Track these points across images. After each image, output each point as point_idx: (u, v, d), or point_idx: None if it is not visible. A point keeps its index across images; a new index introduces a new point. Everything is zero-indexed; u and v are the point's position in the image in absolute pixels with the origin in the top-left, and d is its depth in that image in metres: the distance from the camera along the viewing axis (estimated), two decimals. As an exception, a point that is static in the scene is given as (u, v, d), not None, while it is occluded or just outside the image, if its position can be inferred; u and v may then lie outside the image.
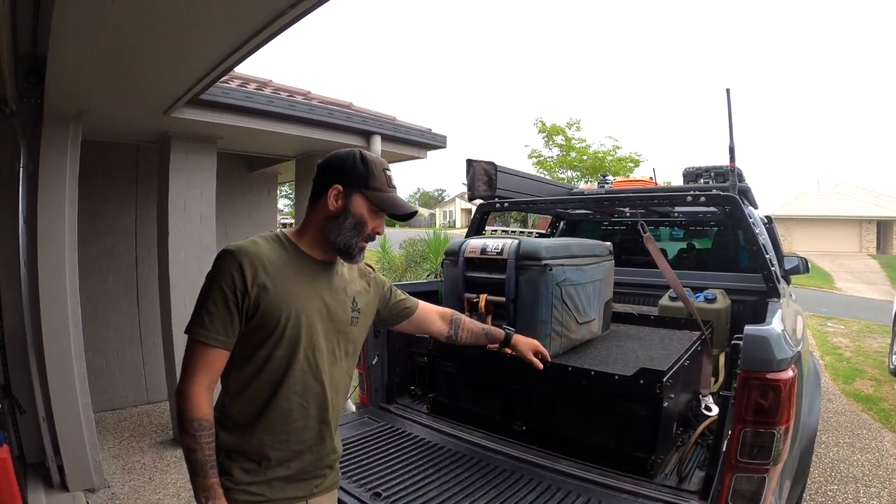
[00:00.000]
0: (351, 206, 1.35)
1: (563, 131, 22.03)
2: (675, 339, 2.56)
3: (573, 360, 2.14)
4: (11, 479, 2.27)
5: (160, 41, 2.24)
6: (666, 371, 1.80)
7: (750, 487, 1.58)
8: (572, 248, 2.30)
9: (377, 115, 4.74)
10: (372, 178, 1.36)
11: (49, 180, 3.12)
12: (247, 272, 1.26)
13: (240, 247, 1.29)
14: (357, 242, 1.38)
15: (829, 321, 10.18)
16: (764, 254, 2.38)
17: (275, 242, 1.36)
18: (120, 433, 4.25)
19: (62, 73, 2.47)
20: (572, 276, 2.21)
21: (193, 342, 1.25)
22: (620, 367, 2.02)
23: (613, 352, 2.32)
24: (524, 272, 2.13)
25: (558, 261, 2.14)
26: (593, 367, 2.02)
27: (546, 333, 2.11)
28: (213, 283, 1.26)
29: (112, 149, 4.56)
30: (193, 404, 1.21)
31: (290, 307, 1.31)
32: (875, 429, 4.57)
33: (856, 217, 27.54)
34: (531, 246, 2.13)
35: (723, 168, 3.41)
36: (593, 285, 2.40)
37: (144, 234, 4.89)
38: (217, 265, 1.27)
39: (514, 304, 2.16)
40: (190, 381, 1.23)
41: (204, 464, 1.20)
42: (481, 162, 2.92)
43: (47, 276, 3.12)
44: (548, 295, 2.10)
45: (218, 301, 1.24)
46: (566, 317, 2.19)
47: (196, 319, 1.25)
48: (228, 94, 3.51)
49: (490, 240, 2.27)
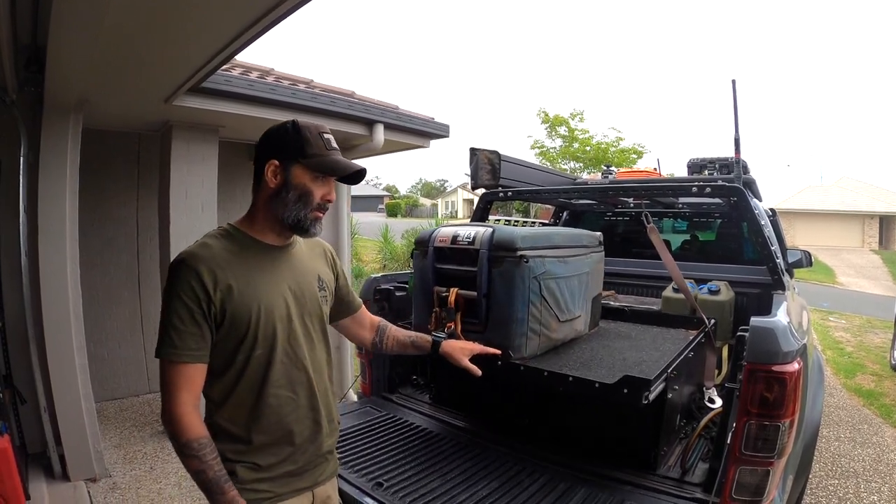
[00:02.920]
0: (291, 179, 1.29)
1: (567, 122, 21.95)
2: (669, 338, 2.35)
3: (552, 363, 1.92)
4: (13, 469, 2.27)
5: (161, 29, 2.21)
6: (653, 380, 1.60)
7: (754, 480, 1.58)
8: (554, 237, 2.07)
9: (380, 104, 4.71)
10: (307, 145, 1.29)
11: (50, 170, 3.10)
12: (205, 278, 1.20)
13: (192, 253, 1.23)
14: (307, 214, 1.31)
15: (831, 316, 10.16)
16: (769, 245, 2.37)
17: (225, 238, 1.30)
18: (121, 423, 4.26)
19: (62, 62, 2.45)
20: (553, 269, 1.98)
21: (167, 364, 1.19)
22: (605, 372, 1.79)
23: (599, 353, 2.08)
24: (498, 264, 1.89)
25: (537, 252, 1.91)
26: (573, 372, 1.79)
27: (522, 332, 1.89)
28: (173, 297, 1.19)
29: (113, 138, 4.53)
30: (186, 426, 1.17)
31: (258, 303, 1.26)
32: (876, 424, 4.56)
33: (858, 212, 27.45)
34: (506, 235, 1.90)
35: (728, 160, 3.39)
36: (578, 279, 2.17)
37: (146, 224, 4.87)
38: (173, 278, 1.21)
39: (486, 299, 1.92)
40: (175, 404, 1.18)
41: (217, 480, 1.18)
42: (485, 151, 2.90)
43: (48, 266, 3.11)
44: (524, 290, 1.87)
45: (183, 315, 1.19)
46: (545, 314, 1.96)
47: (164, 340, 1.19)
48: (231, 83, 3.48)
49: (462, 228, 2.04)
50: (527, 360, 1.89)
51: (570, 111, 25.33)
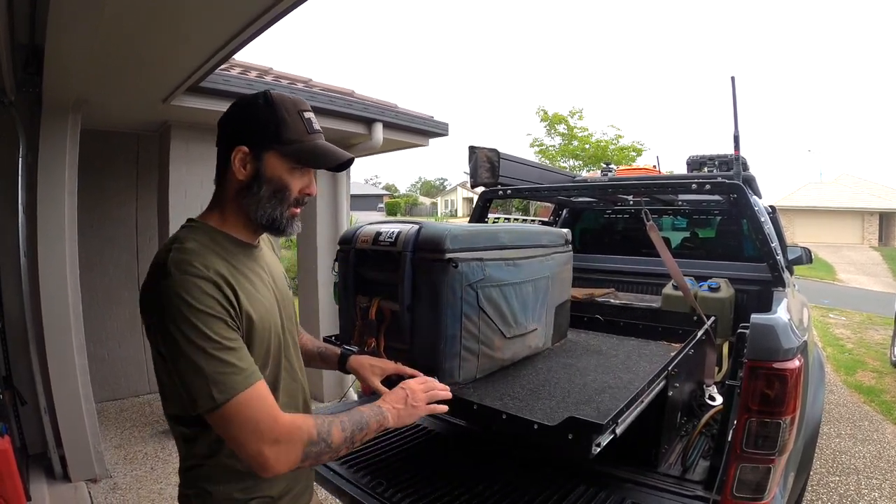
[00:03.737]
0: (264, 170, 1.06)
1: (566, 120, 21.91)
2: (646, 355, 2.04)
3: (490, 390, 1.58)
4: (13, 470, 2.28)
5: (158, 28, 2.21)
6: (605, 424, 1.23)
7: (755, 478, 1.57)
8: (501, 236, 1.74)
9: (378, 103, 4.71)
10: (284, 128, 1.06)
11: (48, 170, 3.10)
12: (223, 285, 0.98)
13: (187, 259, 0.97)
14: (283, 213, 1.10)
15: (831, 312, 10.17)
16: (769, 242, 2.36)
17: (205, 237, 1.06)
18: (122, 423, 4.26)
19: (60, 62, 2.44)
20: (497, 275, 1.66)
21: (242, 400, 0.93)
22: (555, 404, 1.49)
23: (557, 375, 1.75)
24: (423, 269, 1.55)
25: (474, 254, 1.59)
26: (511, 406, 1.46)
27: (453, 353, 1.55)
28: (197, 317, 0.92)
29: (112, 138, 4.53)
30: (306, 434, 0.98)
31: (262, 314, 1.07)
32: (876, 420, 4.56)
33: (858, 209, 27.46)
34: (433, 233, 1.56)
35: (727, 157, 3.39)
36: (534, 285, 1.85)
37: (145, 224, 4.87)
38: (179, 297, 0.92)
39: (410, 312, 1.58)
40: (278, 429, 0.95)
41: (369, 423, 1.07)
42: (484, 149, 2.89)
43: (47, 266, 3.11)
44: (455, 300, 1.53)
45: (222, 331, 0.95)
46: (486, 329, 1.64)
47: (220, 375, 0.92)
48: (229, 82, 3.48)
49: (387, 225, 1.69)
50: (460, 386, 1.57)
51: (570, 109, 25.26)
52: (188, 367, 0.91)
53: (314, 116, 1.14)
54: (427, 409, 1.25)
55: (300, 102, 1.12)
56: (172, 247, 0.99)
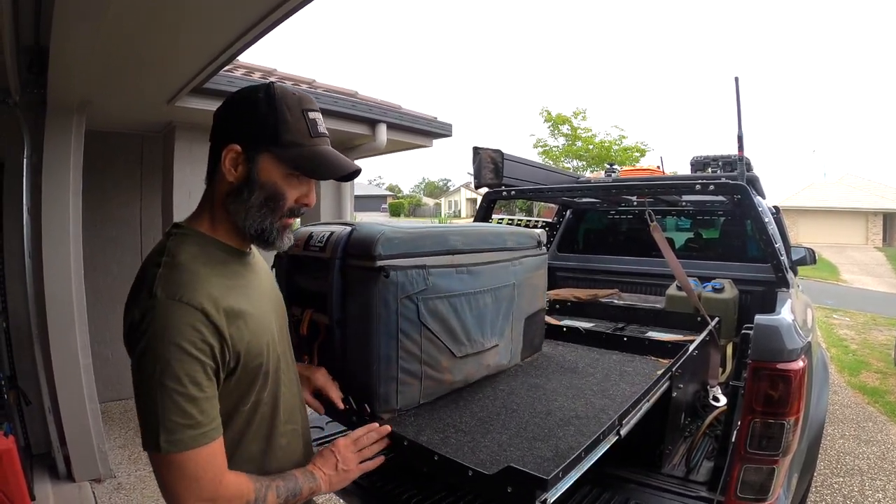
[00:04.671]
0: (256, 173, 0.95)
1: (569, 120, 21.93)
2: (627, 374, 1.81)
3: (432, 420, 1.38)
4: (18, 470, 2.28)
5: (162, 30, 2.21)
6: (550, 479, 1.00)
7: (759, 479, 1.57)
8: (452, 239, 1.50)
9: (382, 104, 4.72)
10: (283, 128, 0.94)
11: (53, 171, 3.11)
12: (213, 315, 0.89)
13: (177, 282, 0.88)
14: (273, 224, 0.99)
15: (835, 313, 10.13)
16: (773, 243, 2.35)
17: (194, 247, 0.96)
18: (126, 423, 4.27)
19: (64, 63, 2.45)
20: (445, 284, 1.44)
21: (190, 454, 0.85)
22: (507, 438, 1.26)
23: (517, 399, 1.53)
24: (353, 278, 1.36)
25: (413, 260, 1.37)
26: (450, 441, 1.25)
27: (389, 376, 1.35)
28: (173, 354, 0.83)
29: (116, 139, 4.55)
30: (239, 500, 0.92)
31: (261, 332, 0.99)
32: (881, 421, 4.55)
33: (862, 209, 27.37)
34: (364, 236, 1.34)
35: (731, 157, 3.38)
36: (495, 295, 1.63)
37: (149, 225, 4.88)
38: (162, 326, 0.84)
39: (340, 328, 1.39)
40: (206, 495, 0.87)
41: (296, 491, 1.01)
42: (488, 150, 2.89)
43: (52, 267, 3.12)
44: (388, 315, 1.32)
45: (198, 376, 0.86)
46: (430, 348, 1.42)
47: (172, 423, 0.83)
48: (233, 83, 3.49)
49: (320, 226, 1.50)
50: (398, 414, 1.39)
51: (573, 110, 25.37)
52: (145, 402, 0.85)
53: (320, 117, 1.01)
54: (358, 469, 1.16)
55: (306, 100, 0.99)
56: (162, 261, 0.91)
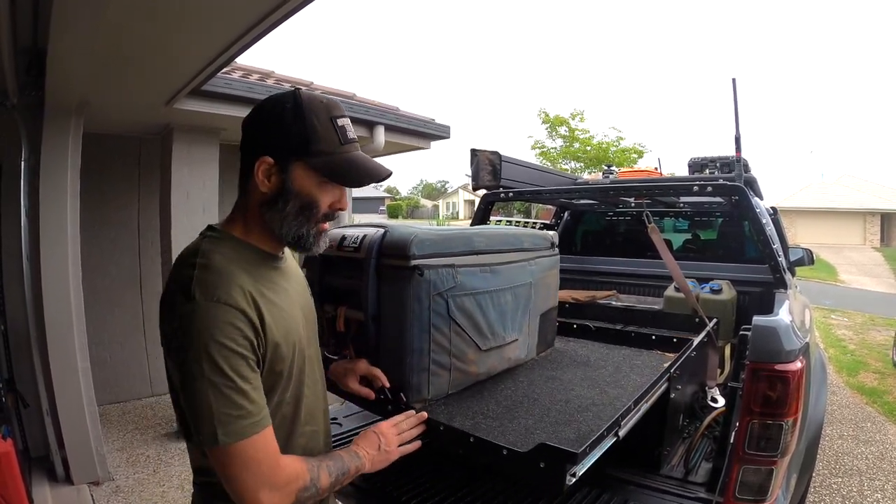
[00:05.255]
0: (290, 184, 0.98)
1: (567, 122, 22.00)
2: (637, 367, 1.92)
3: (462, 408, 1.48)
4: (16, 473, 2.28)
5: (160, 32, 2.21)
6: (579, 453, 1.11)
7: (757, 480, 1.57)
8: (476, 240, 1.62)
9: (380, 106, 4.73)
10: (314, 137, 0.97)
11: (51, 173, 3.11)
12: (249, 312, 0.92)
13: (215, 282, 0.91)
14: (310, 230, 1.02)
15: (833, 313, 10.15)
16: (771, 244, 2.36)
17: (229, 249, 0.98)
18: (124, 426, 4.26)
19: (62, 65, 2.45)
20: (471, 282, 1.56)
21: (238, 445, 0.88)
22: (533, 423, 1.38)
23: (537, 389, 1.65)
24: (388, 277, 1.46)
25: (443, 259, 1.48)
26: (480, 427, 1.35)
27: (421, 367, 1.45)
28: (218, 349, 0.87)
29: (114, 141, 4.55)
30: (296, 481, 0.96)
31: (289, 333, 1.02)
32: (879, 421, 4.56)
33: (860, 209, 27.42)
34: (398, 237, 1.45)
35: (729, 158, 3.38)
36: (514, 293, 1.74)
37: (147, 226, 4.88)
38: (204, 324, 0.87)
39: (375, 323, 1.48)
40: (267, 480, 0.91)
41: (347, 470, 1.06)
42: (485, 151, 2.90)
43: (50, 269, 3.12)
44: (421, 311, 1.43)
45: (243, 369, 0.90)
46: (458, 341, 1.53)
47: (227, 415, 0.87)
48: (231, 85, 3.49)
49: (353, 229, 1.60)
50: (430, 402, 1.48)
51: (571, 111, 25.42)
52: (197, 400, 0.88)
53: (349, 123, 1.04)
54: (399, 451, 1.21)
55: (333, 107, 1.02)
56: (197, 262, 0.93)
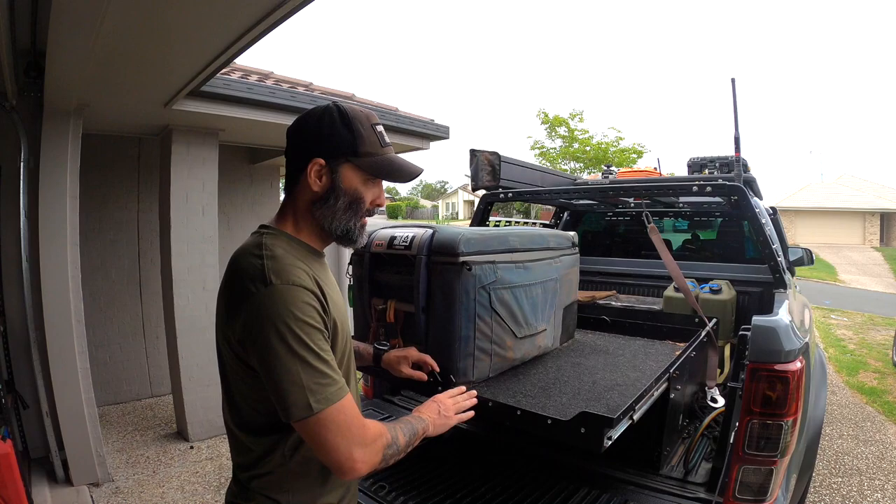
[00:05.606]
0: (340, 182, 1.09)
1: (566, 122, 21.99)
2: (652, 354, 2.11)
3: (503, 389, 1.66)
4: (15, 474, 2.28)
5: (159, 33, 2.21)
6: (615, 418, 1.30)
7: (757, 480, 1.57)
8: (511, 239, 1.79)
9: (379, 106, 4.72)
10: (360, 141, 1.09)
11: (50, 174, 3.11)
12: (319, 296, 1.02)
13: (289, 267, 1.00)
14: (356, 223, 1.13)
15: (833, 313, 10.15)
16: (770, 244, 2.36)
17: (287, 244, 1.07)
18: (124, 427, 4.26)
19: (61, 67, 2.45)
20: (508, 277, 1.73)
21: (330, 411, 0.96)
22: (567, 399, 1.56)
23: (566, 374, 1.82)
24: (437, 272, 1.62)
25: (486, 256, 1.65)
26: (525, 403, 1.53)
27: (467, 353, 1.63)
28: (299, 326, 0.95)
29: (113, 142, 4.55)
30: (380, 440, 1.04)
31: (343, 325, 1.11)
32: (879, 421, 4.55)
33: (859, 209, 27.43)
34: (447, 237, 1.62)
35: (728, 158, 3.39)
36: (543, 287, 1.91)
37: (146, 228, 4.89)
38: (284, 304, 0.95)
39: (425, 314, 1.65)
40: (358, 438, 0.99)
41: (411, 428, 1.14)
42: (485, 152, 2.90)
43: (49, 270, 3.12)
44: (468, 302, 1.60)
45: (321, 343, 0.99)
46: (498, 330, 1.71)
47: (317, 384, 0.95)
48: (230, 86, 3.49)
49: (401, 229, 1.77)
50: (474, 384, 1.63)
51: (570, 111, 25.42)
52: (285, 377, 0.94)
53: (383, 128, 1.16)
54: (457, 418, 1.34)
55: (372, 116, 1.14)
56: (263, 253, 1.01)
